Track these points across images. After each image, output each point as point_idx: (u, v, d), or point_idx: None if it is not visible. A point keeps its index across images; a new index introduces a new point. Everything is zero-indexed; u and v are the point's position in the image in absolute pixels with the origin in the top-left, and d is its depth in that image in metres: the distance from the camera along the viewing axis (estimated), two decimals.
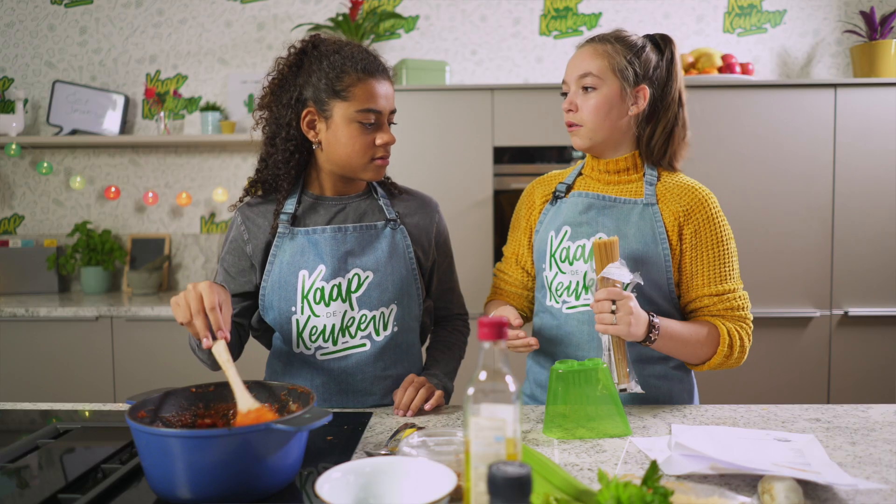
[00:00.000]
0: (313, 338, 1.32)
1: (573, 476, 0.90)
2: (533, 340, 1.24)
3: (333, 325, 1.32)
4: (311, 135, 1.31)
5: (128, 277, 3.12)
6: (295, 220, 1.35)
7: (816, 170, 2.75)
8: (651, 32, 1.40)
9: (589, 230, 1.35)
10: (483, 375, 0.75)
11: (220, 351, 1.06)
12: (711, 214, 1.33)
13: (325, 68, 1.28)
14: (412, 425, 1.16)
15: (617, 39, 1.35)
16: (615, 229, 1.33)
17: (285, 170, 1.34)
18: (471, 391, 0.75)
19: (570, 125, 1.37)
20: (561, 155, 2.81)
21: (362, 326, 1.33)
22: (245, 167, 3.33)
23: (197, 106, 3.32)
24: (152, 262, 3.20)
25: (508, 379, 0.75)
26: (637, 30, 1.42)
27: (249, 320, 1.40)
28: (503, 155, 2.81)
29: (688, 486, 0.89)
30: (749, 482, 0.93)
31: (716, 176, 2.69)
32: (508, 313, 1.32)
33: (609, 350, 1.22)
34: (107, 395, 2.78)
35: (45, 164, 3.21)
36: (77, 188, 3.25)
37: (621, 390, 1.20)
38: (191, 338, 1.24)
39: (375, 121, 1.29)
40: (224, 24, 3.29)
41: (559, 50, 3.25)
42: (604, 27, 3.23)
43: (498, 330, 0.75)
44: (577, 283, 1.34)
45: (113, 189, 3.28)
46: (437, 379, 1.36)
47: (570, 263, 1.35)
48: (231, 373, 1.04)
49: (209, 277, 3.31)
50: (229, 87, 3.27)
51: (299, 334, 1.32)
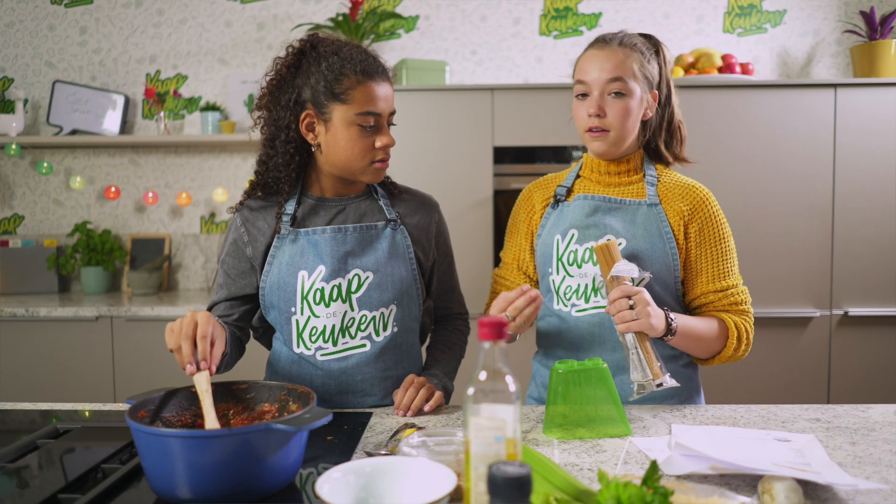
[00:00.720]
0: (313, 338, 1.32)
1: (573, 476, 0.90)
2: (534, 292, 1.20)
3: (333, 326, 1.31)
4: (310, 137, 1.31)
5: (128, 277, 3.11)
6: (295, 222, 1.35)
7: (816, 170, 2.75)
8: (640, 32, 1.41)
9: (597, 232, 1.35)
10: (483, 375, 0.75)
11: (201, 381, 1.04)
12: (713, 212, 1.36)
13: (323, 70, 1.27)
14: (412, 425, 1.16)
15: (633, 45, 1.35)
16: (623, 230, 1.33)
17: (286, 172, 1.33)
18: (471, 391, 0.75)
19: (593, 130, 1.34)
20: (561, 155, 2.81)
21: (362, 327, 1.33)
22: (245, 167, 3.33)
23: (197, 106, 3.32)
24: (152, 262, 3.20)
25: (508, 379, 0.75)
26: (637, 30, 1.42)
27: (250, 323, 1.40)
28: (503, 155, 2.80)
29: (688, 486, 0.89)
30: (749, 482, 0.93)
31: (716, 176, 2.69)
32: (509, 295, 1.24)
33: (635, 348, 1.20)
34: (107, 395, 2.78)
35: (45, 164, 3.21)
36: (77, 188, 3.25)
37: (658, 385, 1.18)
38: None
39: (375, 123, 1.29)
40: (224, 24, 3.29)
41: (559, 50, 3.25)
42: (604, 27, 3.23)
43: (498, 330, 0.75)
44: (587, 285, 1.34)
45: (113, 189, 3.27)
46: (437, 379, 1.36)
47: (579, 266, 1.35)
48: (206, 403, 1.02)
49: (209, 277, 3.31)
50: (229, 87, 3.27)
51: (299, 335, 1.32)
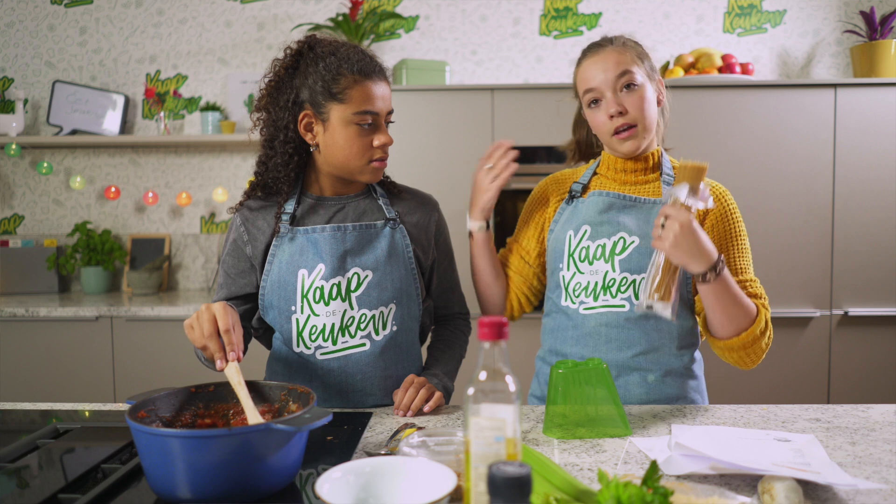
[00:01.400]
0: (313, 337, 1.32)
1: (573, 476, 0.90)
2: (506, 143, 1.33)
3: (333, 325, 1.31)
4: (308, 137, 1.31)
5: (128, 277, 3.11)
6: (294, 221, 1.35)
7: (816, 170, 2.75)
8: (619, 33, 1.42)
9: (610, 229, 1.34)
10: (483, 375, 0.75)
11: (232, 373, 1.07)
12: (730, 209, 1.36)
13: (321, 70, 1.27)
14: (412, 425, 1.15)
15: (623, 42, 1.36)
16: (636, 228, 1.33)
17: (285, 172, 1.33)
18: (471, 391, 0.75)
19: (620, 130, 1.31)
20: (560, 155, 2.81)
21: (362, 326, 1.33)
22: (245, 167, 3.33)
23: (197, 106, 3.32)
24: (152, 262, 3.20)
25: (508, 379, 0.75)
26: (637, 30, 1.43)
27: (251, 322, 1.40)
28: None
29: (688, 486, 0.89)
30: (749, 482, 0.93)
31: (716, 176, 2.67)
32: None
33: (654, 265, 1.18)
34: (107, 395, 2.78)
35: (45, 164, 3.21)
36: (77, 188, 3.25)
37: (648, 307, 1.17)
38: (196, 349, 1.24)
39: (373, 122, 1.29)
40: (224, 24, 3.29)
41: (559, 50, 3.25)
42: (604, 27, 3.22)
43: (498, 330, 0.75)
44: (597, 283, 1.33)
45: (113, 189, 3.27)
46: (437, 379, 1.36)
47: (590, 263, 1.34)
48: (242, 394, 1.04)
49: (209, 277, 3.31)
50: (229, 87, 3.27)
51: (299, 334, 1.32)
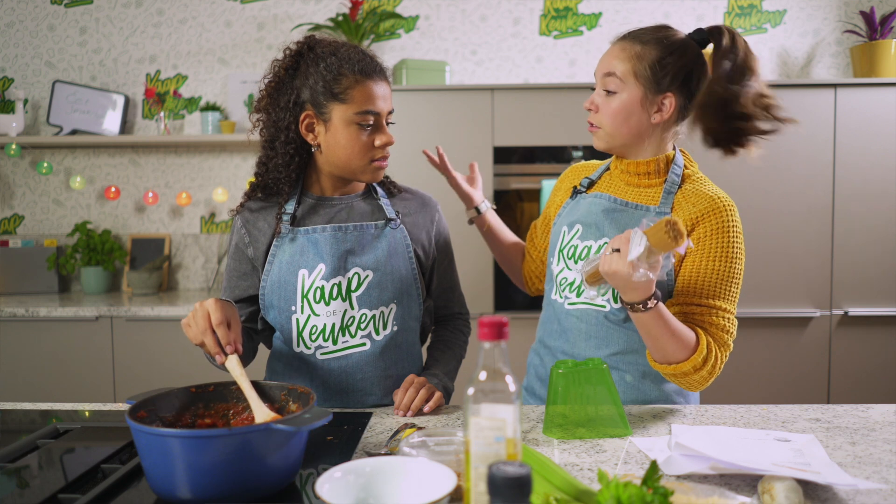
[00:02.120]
0: (313, 337, 1.32)
1: (573, 476, 0.90)
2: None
3: (333, 325, 1.31)
4: (309, 138, 1.31)
5: (128, 277, 3.11)
6: (295, 221, 1.35)
7: (816, 170, 2.75)
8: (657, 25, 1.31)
9: (597, 233, 1.33)
10: (483, 375, 0.75)
11: (233, 366, 1.08)
12: (724, 225, 1.25)
13: (321, 71, 1.27)
14: (412, 425, 1.15)
15: (654, 40, 1.26)
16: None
17: (286, 173, 1.33)
18: (471, 391, 0.75)
19: (590, 124, 1.34)
20: (561, 155, 2.81)
21: (362, 326, 1.33)
22: (245, 167, 3.33)
23: (197, 106, 3.32)
24: (152, 262, 3.20)
25: (508, 379, 0.75)
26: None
27: (257, 324, 1.40)
28: (503, 155, 2.80)
29: (688, 486, 0.89)
30: (749, 482, 0.93)
31: (716, 176, 2.68)
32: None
33: (596, 260, 1.17)
34: (107, 395, 2.78)
35: (45, 164, 3.21)
36: (77, 188, 3.25)
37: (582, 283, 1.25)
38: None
39: (374, 122, 1.29)
40: (224, 24, 3.29)
41: (559, 50, 3.25)
42: (604, 27, 3.23)
43: (498, 330, 0.75)
44: (582, 280, 1.34)
45: (113, 189, 3.27)
46: (437, 379, 1.36)
47: (576, 262, 1.34)
48: (245, 385, 1.05)
49: (209, 277, 3.31)
50: (229, 87, 3.27)
51: (299, 333, 1.32)
